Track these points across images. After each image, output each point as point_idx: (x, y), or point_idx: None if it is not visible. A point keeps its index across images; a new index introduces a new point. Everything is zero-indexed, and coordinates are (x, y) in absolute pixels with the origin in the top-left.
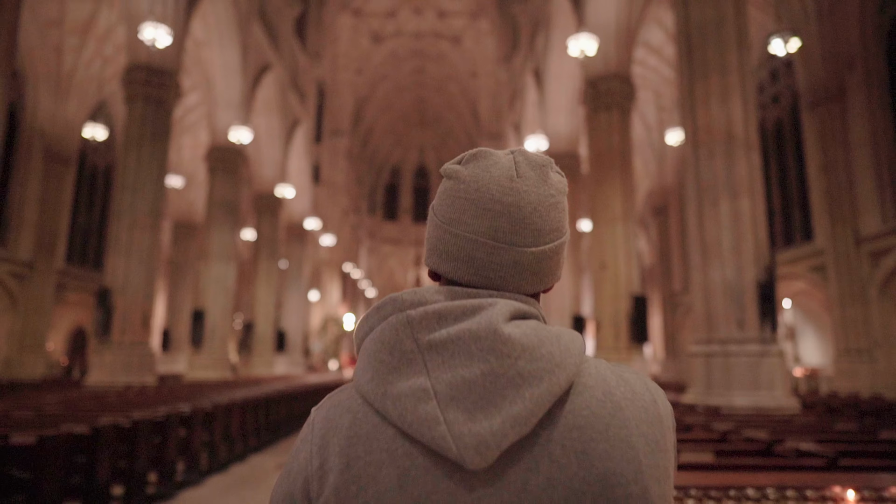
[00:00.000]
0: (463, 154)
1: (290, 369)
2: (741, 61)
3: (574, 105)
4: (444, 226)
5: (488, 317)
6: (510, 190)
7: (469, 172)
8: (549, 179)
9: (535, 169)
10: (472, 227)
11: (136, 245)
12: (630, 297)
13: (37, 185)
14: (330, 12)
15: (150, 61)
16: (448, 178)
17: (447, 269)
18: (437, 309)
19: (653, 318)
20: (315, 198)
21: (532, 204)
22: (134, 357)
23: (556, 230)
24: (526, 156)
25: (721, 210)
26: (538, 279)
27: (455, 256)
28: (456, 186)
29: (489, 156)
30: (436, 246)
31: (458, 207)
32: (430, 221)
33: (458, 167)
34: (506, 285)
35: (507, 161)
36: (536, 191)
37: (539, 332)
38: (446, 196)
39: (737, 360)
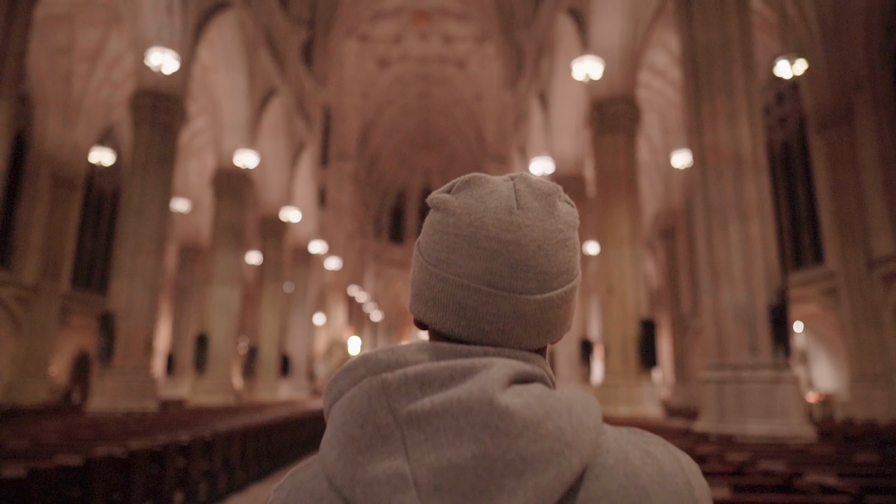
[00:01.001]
0: (454, 181)
1: (294, 394)
2: (747, 83)
3: (579, 128)
4: (430, 267)
5: (482, 382)
6: (509, 224)
7: (460, 203)
8: (557, 211)
9: (539, 198)
10: (464, 269)
11: (140, 269)
12: (638, 322)
13: (43, 209)
14: (336, 38)
15: (157, 87)
16: (435, 210)
17: (434, 320)
18: (419, 372)
19: (661, 341)
20: (321, 221)
21: (536, 241)
22: (136, 383)
23: (565, 272)
24: (528, 183)
25: (730, 232)
26: (544, 332)
27: (443, 305)
28: (444, 220)
29: (484, 183)
30: (420, 291)
31: (446, 245)
32: (414, 260)
33: (446, 196)
34: (504, 340)
35: (505, 189)
36: (541, 225)
37: (545, 402)
38: (433, 231)
39: (750, 386)
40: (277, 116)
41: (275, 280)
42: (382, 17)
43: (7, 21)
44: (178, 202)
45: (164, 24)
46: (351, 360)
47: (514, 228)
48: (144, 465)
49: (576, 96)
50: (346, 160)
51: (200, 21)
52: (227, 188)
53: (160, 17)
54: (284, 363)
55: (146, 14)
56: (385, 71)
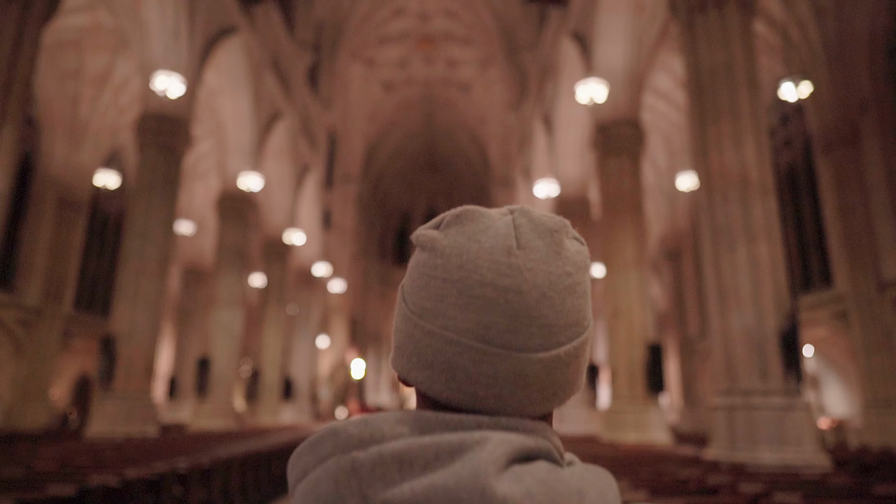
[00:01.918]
0: (443, 215)
1: (296, 417)
2: (752, 105)
3: (584, 150)
4: (414, 318)
5: (474, 465)
6: (508, 268)
7: (450, 242)
8: (564, 250)
9: (543, 236)
10: (453, 321)
11: (143, 292)
12: (645, 346)
13: (48, 231)
14: (342, 61)
15: (163, 110)
16: (421, 249)
17: (419, 380)
18: (397, 451)
19: (669, 364)
20: (325, 243)
21: (540, 288)
22: (136, 407)
23: (574, 324)
24: (530, 217)
25: (738, 255)
26: (550, 395)
27: (429, 363)
28: (431, 262)
29: (479, 218)
30: (403, 344)
31: (433, 292)
32: (397, 307)
33: (434, 234)
34: (502, 406)
35: (503, 225)
36: (545, 268)
37: (551, 489)
38: (418, 275)
39: (761, 413)
40: (282, 139)
41: (278, 302)
42: (388, 41)
43: (15, 46)
44: (182, 224)
45: (171, 48)
46: (317, 432)
47: (513, 272)
48: (140, 494)
49: (580, 119)
50: (350, 182)
51: (207, 45)
52: (231, 211)
53: (167, 41)
54: (287, 386)
55: (153, 38)
56: (390, 94)
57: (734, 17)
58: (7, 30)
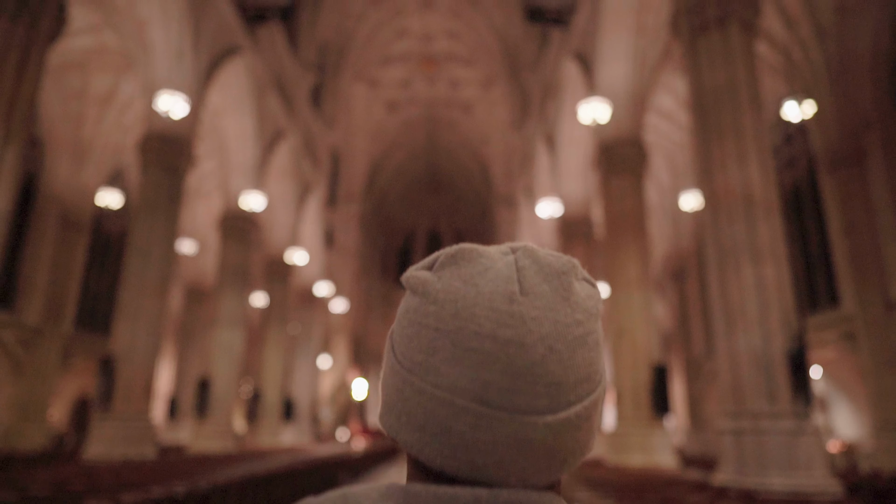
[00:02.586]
0: (437, 254)
1: (297, 438)
2: (756, 125)
3: (586, 169)
4: (404, 372)
5: None
6: (509, 317)
7: (444, 286)
8: (573, 296)
9: (549, 279)
10: (447, 379)
11: (144, 312)
12: (650, 367)
13: (49, 250)
14: (345, 81)
15: (166, 130)
16: (412, 293)
17: (409, 442)
18: None
19: (674, 385)
20: (327, 262)
21: (546, 340)
22: (134, 428)
23: (585, 380)
24: (535, 258)
25: (744, 275)
26: (558, 462)
27: (419, 425)
28: (423, 309)
29: (477, 258)
30: (392, 401)
31: (424, 344)
32: (385, 356)
33: (426, 276)
34: (504, 476)
35: (504, 267)
36: (552, 316)
37: None
38: (408, 322)
39: (770, 437)
40: (285, 158)
41: (280, 322)
42: (391, 61)
43: (20, 66)
44: (184, 243)
45: (175, 68)
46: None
47: (515, 322)
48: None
49: (582, 138)
50: (353, 202)
51: (211, 65)
52: (233, 230)
53: (171, 61)
54: (288, 407)
55: (158, 59)
56: (393, 114)
57: (736, 38)
58: (12, 50)
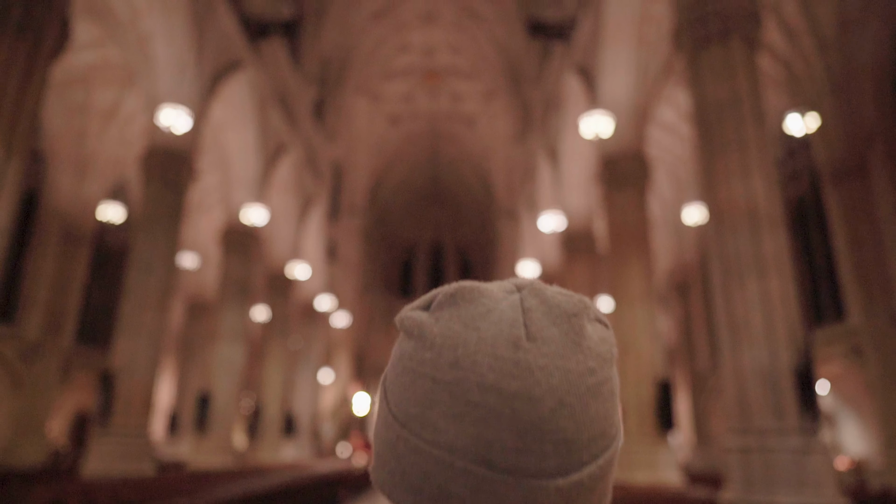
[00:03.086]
0: (435, 292)
1: (298, 454)
2: (759, 138)
3: (589, 183)
4: (397, 426)
5: None
6: (515, 366)
7: (442, 330)
8: (585, 340)
9: (559, 322)
10: (446, 436)
11: (144, 326)
12: (654, 382)
13: (51, 264)
14: (348, 95)
15: (168, 144)
16: (407, 336)
17: (404, 503)
18: None
19: (679, 400)
20: (329, 276)
21: (556, 392)
22: (134, 445)
23: (599, 436)
24: (542, 297)
25: (749, 289)
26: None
27: (415, 487)
28: (418, 355)
29: (478, 298)
30: (385, 456)
31: (420, 395)
32: (378, 404)
33: (422, 317)
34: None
35: (509, 308)
36: (563, 365)
37: None
38: (402, 370)
39: (777, 455)
40: (287, 172)
41: (281, 336)
42: (393, 75)
43: (23, 82)
44: (186, 257)
45: (178, 83)
46: None
47: (521, 373)
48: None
49: (585, 151)
50: (355, 215)
51: (213, 80)
52: (235, 244)
53: (174, 76)
54: (289, 422)
55: (160, 73)
56: (395, 128)
57: (738, 52)
58: (15, 66)
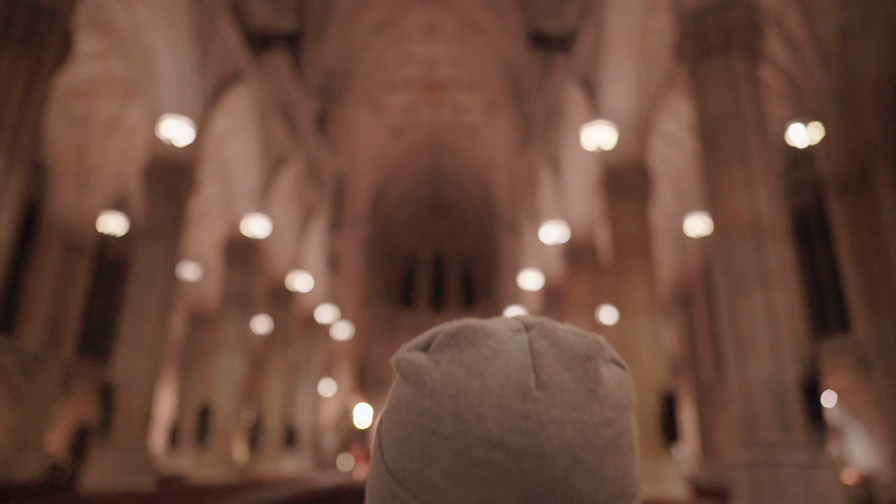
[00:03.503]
0: (435, 331)
1: (299, 466)
2: (762, 149)
3: (591, 194)
4: (393, 483)
5: None
6: (524, 419)
7: (442, 375)
8: (601, 386)
9: (572, 366)
10: (448, 498)
11: (145, 338)
12: (658, 394)
13: (52, 276)
14: (350, 107)
15: (170, 156)
16: (404, 380)
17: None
18: None
19: (683, 412)
20: (331, 287)
21: (570, 448)
22: (133, 458)
23: (620, 495)
24: (553, 338)
25: (754, 302)
26: None
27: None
28: (417, 403)
29: (483, 339)
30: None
31: (417, 449)
32: (373, 455)
33: (421, 360)
34: None
35: (516, 351)
36: (577, 417)
37: None
38: (399, 420)
39: (785, 470)
40: (289, 184)
41: (282, 348)
42: (395, 87)
43: (25, 95)
44: (188, 269)
45: (180, 95)
46: None
47: (531, 426)
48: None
49: (587, 163)
50: (357, 226)
51: (216, 91)
52: (236, 255)
53: (177, 88)
54: (290, 435)
55: (163, 86)
56: (397, 139)
57: (740, 64)
58: (18, 78)
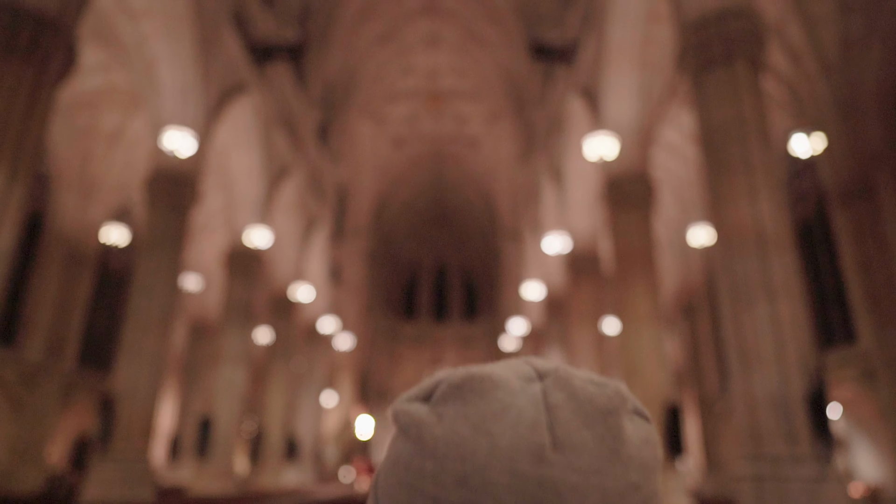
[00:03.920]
0: (437, 378)
1: (300, 478)
2: (765, 160)
3: (593, 204)
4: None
5: None
6: (539, 486)
7: (445, 432)
8: (625, 446)
9: (592, 422)
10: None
11: (146, 350)
12: (662, 406)
13: (54, 286)
14: (352, 118)
15: (172, 167)
16: (404, 436)
17: None
18: None
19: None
20: (333, 297)
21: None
22: (133, 470)
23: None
24: (571, 390)
25: (758, 314)
26: None
27: None
28: (417, 463)
29: (491, 391)
30: None
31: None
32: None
33: (422, 413)
34: None
35: (529, 404)
36: (600, 483)
37: None
38: (398, 482)
39: (791, 484)
40: (291, 194)
41: (284, 359)
42: (397, 98)
43: (28, 107)
44: (189, 279)
45: (183, 106)
46: None
47: (548, 495)
48: None
49: (589, 173)
50: (359, 236)
51: (219, 103)
52: (238, 266)
53: (180, 100)
54: (291, 446)
55: (166, 97)
56: (399, 150)
57: (743, 74)
58: (21, 91)
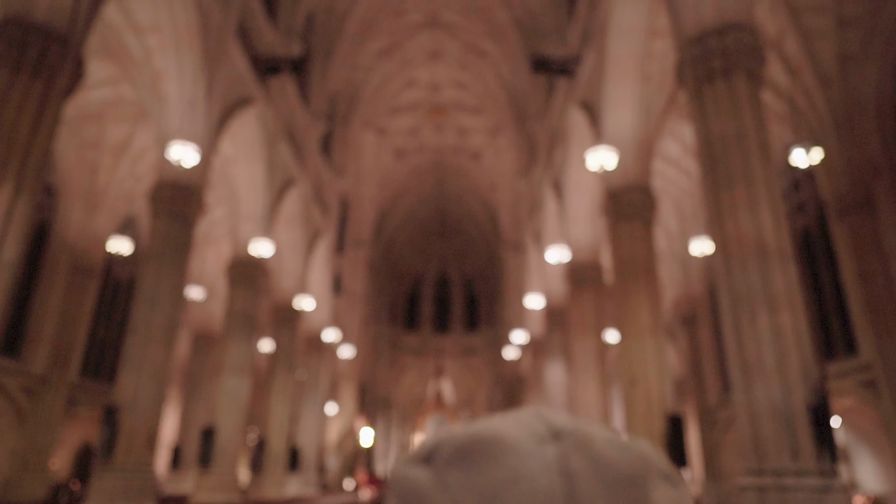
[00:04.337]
0: (440, 438)
1: (302, 488)
2: (765, 172)
3: (595, 215)
4: None
5: None
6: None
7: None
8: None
9: (616, 491)
10: None
11: (149, 360)
12: (664, 417)
13: (59, 297)
14: (355, 130)
15: (177, 179)
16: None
17: None
18: None
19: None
20: (335, 308)
21: None
22: (136, 481)
23: None
24: (591, 455)
25: (760, 325)
26: None
27: None
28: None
29: (500, 455)
30: None
31: None
32: None
33: (422, 480)
34: None
35: (543, 471)
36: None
37: None
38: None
39: (795, 495)
40: (295, 206)
41: (286, 369)
42: (400, 111)
43: (35, 119)
44: (193, 290)
45: (188, 119)
46: None
47: None
48: None
49: (590, 184)
50: (361, 247)
51: (223, 116)
52: (241, 277)
53: (185, 112)
54: (293, 456)
55: (172, 110)
56: (402, 162)
57: (742, 87)
58: (29, 104)
